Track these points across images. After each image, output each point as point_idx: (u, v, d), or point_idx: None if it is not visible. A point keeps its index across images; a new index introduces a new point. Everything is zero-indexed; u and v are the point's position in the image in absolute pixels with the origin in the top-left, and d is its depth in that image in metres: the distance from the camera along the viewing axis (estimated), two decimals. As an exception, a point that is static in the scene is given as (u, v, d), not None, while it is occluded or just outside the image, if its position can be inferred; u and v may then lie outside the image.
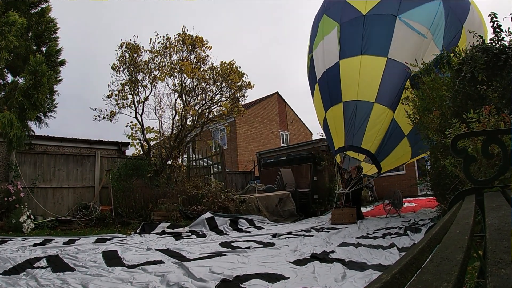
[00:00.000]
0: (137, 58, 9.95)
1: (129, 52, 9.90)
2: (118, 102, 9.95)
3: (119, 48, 9.94)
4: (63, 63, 8.29)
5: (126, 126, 10.53)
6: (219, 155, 11.84)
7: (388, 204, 9.43)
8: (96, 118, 10.11)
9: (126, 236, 6.98)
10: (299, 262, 4.05)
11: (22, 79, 7.34)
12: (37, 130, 9.01)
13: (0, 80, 7.97)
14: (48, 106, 8.43)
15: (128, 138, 10.57)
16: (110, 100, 10.06)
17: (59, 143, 10.01)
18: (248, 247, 5.27)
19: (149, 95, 10.43)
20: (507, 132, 2.68)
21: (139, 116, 10.43)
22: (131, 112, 10.46)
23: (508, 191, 1.86)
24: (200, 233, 7.24)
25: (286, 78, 59.24)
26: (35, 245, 5.76)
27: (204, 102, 10.18)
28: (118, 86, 10.04)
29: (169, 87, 11.45)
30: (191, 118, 10.45)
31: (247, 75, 10.90)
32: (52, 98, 8.50)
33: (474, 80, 5.08)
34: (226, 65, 10.44)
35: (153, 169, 10.16)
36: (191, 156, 12.85)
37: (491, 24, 5.69)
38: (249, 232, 7.36)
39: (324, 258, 4.20)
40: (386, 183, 16.98)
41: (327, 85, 8.70)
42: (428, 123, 5.83)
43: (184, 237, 6.81)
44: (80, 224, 8.54)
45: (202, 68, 9.92)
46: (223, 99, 10.24)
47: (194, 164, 12.76)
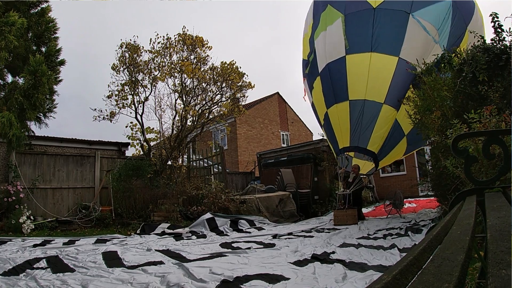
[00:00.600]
0: (137, 58, 9.97)
1: (129, 52, 9.92)
2: (118, 103, 9.99)
3: (119, 48, 9.98)
4: (62, 63, 8.31)
5: (126, 127, 10.59)
6: (219, 155, 11.87)
7: (389, 205, 9.41)
8: (96, 119, 10.17)
9: (126, 237, 7.00)
10: (300, 263, 4.06)
11: (22, 79, 7.36)
12: (37, 131, 9.04)
13: (0, 80, 7.98)
14: (48, 106, 8.44)
15: (128, 138, 10.61)
16: (110, 100, 10.12)
17: (59, 143, 10.05)
18: (249, 248, 5.28)
19: (149, 95, 10.50)
20: (508, 133, 2.67)
21: (139, 117, 10.49)
22: (131, 113, 10.51)
23: (509, 191, 1.86)
24: (200, 233, 7.25)
25: (287, 78, 59.26)
26: (35, 245, 5.77)
27: (204, 102, 10.20)
28: (118, 86, 10.10)
29: (169, 87, 11.54)
30: (191, 118, 10.48)
31: (247, 75, 10.97)
32: (52, 98, 8.51)
33: (475, 80, 5.09)
34: (226, 65, 10.45)
35: (153, 169, 10.18)
36: (191, 157, 12.86)
37: (492, 24, 5.68)
38: (249, 232, 7.37)
39: (324, 258, 4.21)
40: (387, 184, 16.98)
41: (330, 80, 8.27)
42: (429, 123, 5.86)
43: (184, 237, 6.83)
44: (80, 224, 8.57)
45: (203, 68, 9.94)
46: (224, 99, 10.29)
47: (194, 164, 12.78)
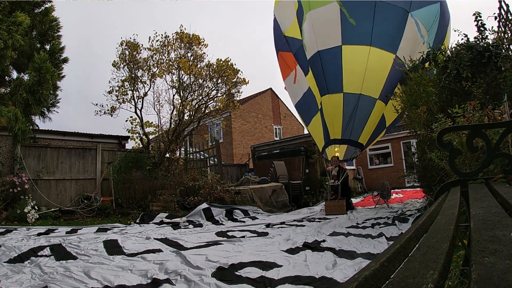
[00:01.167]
0: (136, 55, 10.05)
1: (129, 50, 9.99)
2: (119, 98, 10.05)
3: (119, 46, 10.08)
4: (66, 60, 8.45)
5: (126, 121, 10.68)
6: (215, 148, 11.99)
7: (377, 195, 9.41)
8: (97, 113, 10.19)
9: (126, 226, 7.05)
10: (292, 251, 4.06)
11: (27, 75, 7.42)
12: (41, 125, 9.19)
13: (6, 77, 8.17)
14: (51, 102, 8.60)
15: (128, 132, 10.70)
16: (111, 95, 10.16)
17: (62, 136, 10.15)
18: (243, 236, 5.30)
19: (148, 91, 10.54)
20: (490, 126, 2.77)
21: (138, 111, 10.58)
22: (131, 107, 10.60)
23: (491, 182, 1.95)
24: (197, 223, 7.33)
25: (279, 74, 59.06)
26: (39, 234, 5.83)
27: (201, 97, 10.33)
28: (118, 82, 10.17)
29: (167, 83, 11.59)
30: (189, 113, 10.55)
31: (242, 72, 11.07)
32: (55, 94, 8.68)
33: (459, 76, 5.18)
34: (222, 62, 10.56)
35: (152, 161, 10.27)
36: (189, 149, 12.95)
37: (476, 23, 5.66)
38: (243, 222, 7.40)
39: (315, 247, 4.21)
40: (375, 175, 17.27)
41: (321, 68, 7.70)
42: (415, 117, 5.80)
43: (182, 227, 6.89)
44: (82, 214, 8.67)
45: (199, 65, 10.06)
46: (219, 94, 10.42)
47: (191, 157, 12.87)
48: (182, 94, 10.42)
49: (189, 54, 10.32)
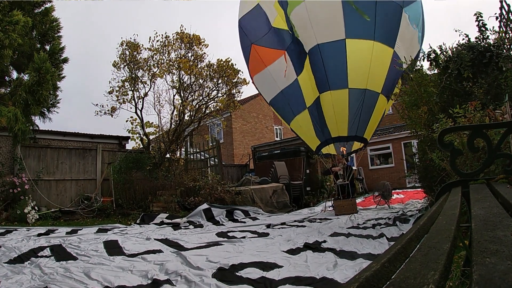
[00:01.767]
0: (137, 55, 10.05)
1: (129, 50, 9.99)
2: (119, 98, 10.04)
3: (119, 46, 10.08)
4: (66, 60, 8.47)
5: (127, 121, 10.69)
6: (215, 148, 11.96)
7: (378, 196, 9.34)
8: (97, 113, 10.21)
9: (127, 227, 7.05)
10: (292, 251, 4.04)
11: (27, 76, 7.42)
12: (41, 125, 9.21)
13: (6, 77, 8.18)
14: (51, 102, 8.62)
15: (129, 132, 10.71)
16: (111, 96, 10.16)
17: (62, 137, 10.15)
18: (244, 237, 5.28)
19: (148, 91, 10.54)
20: (492, 127, 2.75)
21: (139, 112, 10.58)
22: (131, 108, 10.60)
23: (492, 183, 1.94)
24: (198, 223, 7.31)
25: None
26: (39, 235, 5.82)
27: (201, 98, 10.32)
28: (118, 82, 10.17)
29: (167, 84, 11.53)
30: (189, 113, 10.54)
31: (242, 72, 11.06)
32: (55, 94, 8.70)
33: (460, 77, 5.17)
34: (222, 62, 10.54)
35: (152, 162, 10.27)
36: (189, 150, 12.94)
37: (477, 23, 5.62)
38: (244, 222, 7.37)
39: (316, 247, 4.19)
40: (375, 176, 17.24)
41: (322, 62, 7.36)
42: (416, 118, 5.75)
43: (182, 227, 6.87)
44: (82, 215, 8.69)
45: (199, 65, 10.05)
46: (220, 95, 10.43)
47: (192, 157, 12.86)
48: (182, 94, 10.42)
49: (189, 54, 10.32)
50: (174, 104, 10.78)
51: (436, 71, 6.19)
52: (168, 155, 10.77)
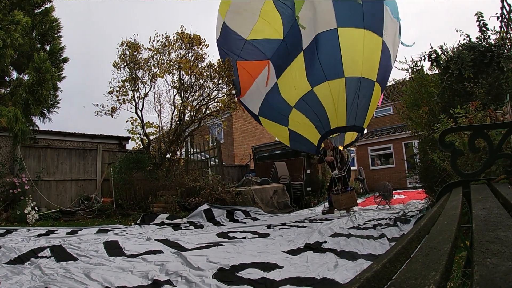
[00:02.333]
0: (137, 56, 9.98)
1: (129, 50, 9.92)
2: (119, 98, 9.96)
3: (120, 46, 10.01)
4: (66, 60, 8.49)
5: (127, 121, 10.56)
6: (216, 149, 11.98)
7: (379, 196, 9.40)
8: (98, 114, 10.07)
9: (127, 227, 7.05)
10: (293, 252, 4.04)
11: (27, 76, 7.44)
12: (41, 125, 9.25)
13: (6, 77, 8.19)
14: (51, 102, 8.64)
15: (129, 132, 10.60)
16: (111, 96, 10.01)
17: (62, 137, 10.15)
18: (244, 238, 5.28)
19: (148, 91, 10.42)
20: (493, 127, 2.76)
21: (139, 112, 10.47)
22: (131, 108, 10.48)
23: (493, 183, 1.93)
24: (198, 224, 7.30)
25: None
26: (39, 235, 5.82)
27: (201, 98, 10.27)
28: (119, 82, 10.03)
29: (168, 84, 11.40)
30: (189, 113, 10.49)
31: (242, 72, 11.00)
32: (56, 94, 8.72)
33: (461, 77, 5.23)
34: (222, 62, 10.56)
35: (152, 162, 10.24)
36: (189, 150, 12.92)
37: (478, 23, 5.70)
38: (244, 223, 7.37)
39: (317, 248, 4.18)
40: (376, 176, 17.28)
41: (316, 53, 7.28)
42: (416, 118, 5.85)
43: (183, 227, 6.87)
44: (82, 215, 8.68)
45: (200, 66, 9.99)
46: (220, 95, 10.43)
47: (192, 157, 12.84)
48: (183, 95, 10.38)
49: (190, 55, 10.27)
50: (174, 104, 10.75)
51: (437, 71, 6.22)
52: (168, 156, 10.73)
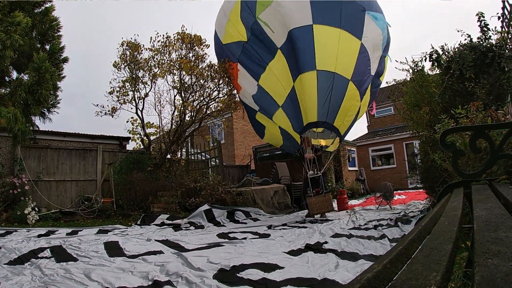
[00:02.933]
0: (137, 56, 9.99)
1: (130, 50, 9.94)
2: (119, 98, 9.97)
3: (120, 46, 10.03)
4: (66, 60, 8.48)
5: (127, 122, 10.60)
6: (216, 149, 11.95)
7: (380, 197, 9.37)
8: (98, 114, 10.11)
9: (127, 228, 7.07)
10: (294, 253, 4.04)
11: (27, 76, 7.43)
12: (41, 125, 9.27)
13: (6, 77, 8.18)
14: (51, 102, 8.64)
15: (129, 133, 10.65)
16: (112, 96, 10.05)
17: (62, 137, 10.15)
18: (245, 238, 5.28)
19: (149, 91, 10.47)
20: (494, 127, 2.71)
21: (139, 112, 10.51)
22: (131, 108, 10.53)
23: (495, 184, 1.93)
24: (198, 224, 7.30)
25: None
26: (39, 236, 5.84)
27: (202, 98, 10.26)
28: (119, 83, 10.07)
29: (168, 84, 11.41)
30: (190, 113, 10.49)
31: (243, 73, 10.97)
32: (56, 94, 8.72)
33: (462, 77, 5.24)
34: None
35: (153, 163, 10.24)
36: (190, 151, 12.94)
37: (479, 23, 5.67)
38: (245, 223, 7.36)
39: (317, 248, 4.17)
40: (377, 176, 17.28)
41: (292, 47, 7.44)
42: (417, 118, 5.86)
43: (183, 228, 6.87)
44: (82, 215, 8.71)
45: (200, 66, 9.97)
46: (221, 95, 10.43)
47: (193, 158, 12.85)
48: (183, 95, 10.37)
49: (190, 55, 10.26)
50: (175, 104, 10.76)
51: (438, 72, 6.21)
52: (168, 156, 10.74)
